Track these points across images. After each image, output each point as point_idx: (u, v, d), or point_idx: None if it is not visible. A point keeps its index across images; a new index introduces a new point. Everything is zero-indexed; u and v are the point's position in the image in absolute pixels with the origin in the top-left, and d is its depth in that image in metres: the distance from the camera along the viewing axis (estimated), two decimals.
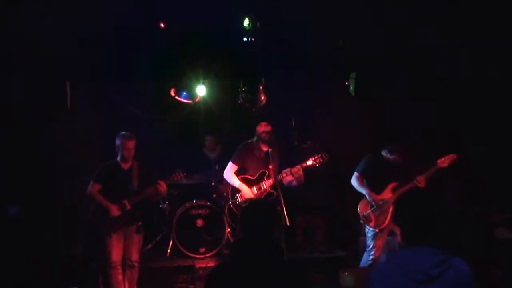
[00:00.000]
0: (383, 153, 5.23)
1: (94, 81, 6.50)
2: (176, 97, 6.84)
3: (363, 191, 5.24)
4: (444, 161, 5.08)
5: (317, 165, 5.18)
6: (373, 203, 5.19)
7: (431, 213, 2.28)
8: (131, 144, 4.94)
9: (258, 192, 5.26)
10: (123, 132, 5.00)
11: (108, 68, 6.30)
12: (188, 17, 5.67)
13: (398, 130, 6.37)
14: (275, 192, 5.11)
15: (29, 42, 5.42)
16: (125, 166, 4.99)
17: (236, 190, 5.36)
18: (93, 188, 4.91)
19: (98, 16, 5.39)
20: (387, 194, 5.20)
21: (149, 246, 6.47)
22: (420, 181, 5.06)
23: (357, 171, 5.32)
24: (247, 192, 5.25)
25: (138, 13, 5.57)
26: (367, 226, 5.27)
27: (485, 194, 5.97)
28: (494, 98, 6.03)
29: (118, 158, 5.00)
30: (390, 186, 5.18)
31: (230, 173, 5.39)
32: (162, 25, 5.86)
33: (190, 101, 6.85)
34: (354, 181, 5.30)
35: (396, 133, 6.23)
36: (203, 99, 6.86)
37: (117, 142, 4.96)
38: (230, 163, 5.43)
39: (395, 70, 6.38)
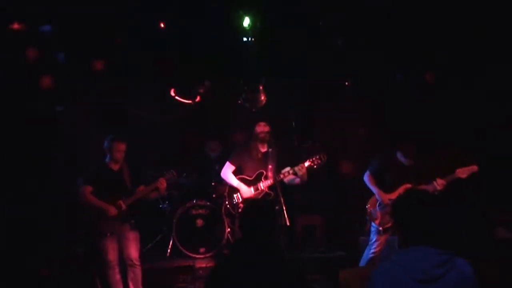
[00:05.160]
0: (398, 155, 5.21)
1: (94, 81, 6.49)
2: (176, 97, 6.83)
3: (373, 189, 5.29)
4: (463, 172, 5.03)
5: (315, 166, 5.16)
6: (381, 202, 5.22)
7: (430, 214, 2.27)
8: (122, 147, 4.91)
9: (255, 192, 5.22)
10: (113, 135, 4.96)
11: (108, 68, 6.29)
12: (188, 16, 5.67)
13: (398, 130, 6.37)
14: (272, 193, 5.09)
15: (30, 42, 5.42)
16: (115, 167, 4.98)
17: (234, 190, 5.29)
18: (85, 190, 4.88)
19: (98, 15, 5.39)
20: (396, 195, 5.18)
21: (149, 246, 6.46)
22: (440, 184, 5.05)
23: (369, 171, 5.35)
24: (246, 191, 5.21)
25: (138, 13, 5.56)
26: (372, 223, 5.30)
27: (485, 194, 5.97)
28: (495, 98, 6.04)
29: (107, 160, 4.97)
30: (403, 187, 5.13)
31: (227, 173, 5.35)
32: (162, 25, 5.86)
33: (190, 101, 6.83)
34: (366, 179, 5.36)
35: (396, 133, 6.23)
36: (203, 99, 6.85)
37: (107, 144, 4.93)
38: (227, 163, 5.40)
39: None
